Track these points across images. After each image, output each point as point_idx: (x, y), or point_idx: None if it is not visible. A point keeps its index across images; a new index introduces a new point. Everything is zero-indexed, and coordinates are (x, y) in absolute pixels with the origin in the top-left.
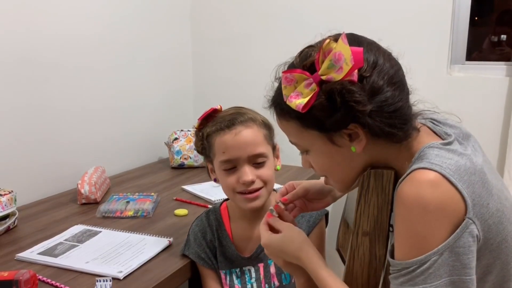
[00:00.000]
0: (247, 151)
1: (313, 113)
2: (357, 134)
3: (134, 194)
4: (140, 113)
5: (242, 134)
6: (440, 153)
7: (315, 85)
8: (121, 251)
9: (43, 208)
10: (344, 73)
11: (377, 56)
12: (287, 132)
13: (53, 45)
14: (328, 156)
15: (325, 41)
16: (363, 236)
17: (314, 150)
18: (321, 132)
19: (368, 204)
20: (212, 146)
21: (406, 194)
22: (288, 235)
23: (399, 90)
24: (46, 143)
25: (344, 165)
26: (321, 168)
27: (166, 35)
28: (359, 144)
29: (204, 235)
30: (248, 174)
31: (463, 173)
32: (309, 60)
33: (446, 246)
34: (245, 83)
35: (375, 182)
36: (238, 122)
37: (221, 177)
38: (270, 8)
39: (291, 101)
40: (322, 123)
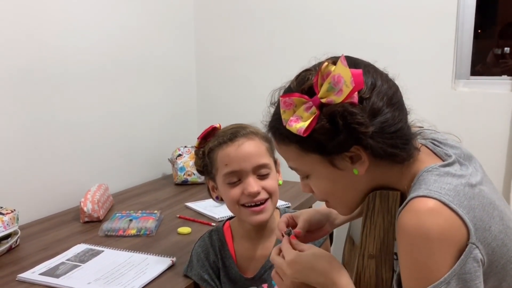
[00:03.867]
0: (251, 162)
1: (314, 137)
2: (359, 156)
3: (137, 212)
4: (144, 130)
5: (245, 146)
6: (438, 179)
7: (315, 108)
8: (123, 271)
9: (46, 226)
10: (344, 95)
11: (375, 77)
12: (287, 157)
13: (56, 63)
14: (330, 180)
15: (323, 64)
16: (369, 258)
17: (315, 174)
18: (322, 156)
19: (374, 226)
20: (215, 161)
21: (407, 224)
22: (318, 252)
23: (399, 111)
24: (49, 160)
25: (347, 188)
26: (323, 192)
27: (170, 52)
28: (361, 166)
29: (207, 256)
30: (253, 185)
31: (463, 198)
32: (307, 83)
33: (452, 274)
34: (249, 100)
35: (380, 203)
36: (240, 135)
37: (224, 191)
38: (274, 26)
39: (291, 125)
40: (324, 147)
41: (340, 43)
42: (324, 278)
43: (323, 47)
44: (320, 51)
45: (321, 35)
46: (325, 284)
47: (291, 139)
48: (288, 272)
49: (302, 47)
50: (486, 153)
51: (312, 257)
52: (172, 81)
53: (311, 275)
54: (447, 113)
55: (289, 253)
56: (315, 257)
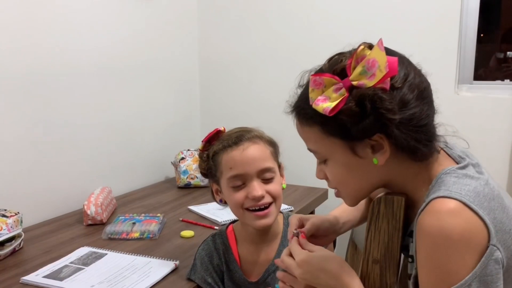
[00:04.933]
0: (255, 166)
1: (339, 119)
2: (381, 145)
3: (140, 215)
4: (147, 133)
5: (250, 150)
6: (458, 180)
7: (344, 90)
8: (126, 274)
9: (49, 229)
10: (376, 80)
11: (409, 70)
12: (307, 138)
13: (60, 66)
14: (347, 167)
15: (359, 47)
16: (374, 263)
17: (333, 160)
18: (343, 141)
19: (378, 231)
20: (219, 164)
21: (428, 225)
22: (328, 254)
23: (428, 106)
24: (53, 163)
25: (361, 178)
26: (336, 179)
27: (174, 56)
28: (382, 156)
29: (211, 259)
30: (257, 189)
31: (483, 199)
32: (339, 65)
33: (473, 276)
34: (252, 104)
35: (385, 208)
36: (245, 138)
37: (229, 194)
38: (278, 30)
39: (317, 104)
40: (347, 130)
41: (345, 46)
42: (335, 281)
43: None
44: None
45: (325, 39)
46: (336, 286)
47: (315, 120)
48: (298, 272)
49: (306, 51)
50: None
51: (322, 258)
52: (176, 84)
53: (321, 277)
54: (450, 118)
55: (300, 253)
56: (326, 258)
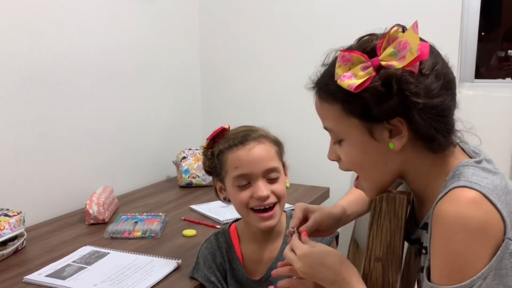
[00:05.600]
0: (261, 166)
1: (362, 97)
2: (399, 130)
3: (142, 214)
4: (148, 132)
5: (256, 150)
6: (476, 172)
7: (372, 69)
8: (129, 273)
9: (52, 228)
10: (406, 62)
11: (437, 59)
12: (326, 116)
13: (62, 65)
14: (362, 149)
15: (392, 29)
16: (376, 261)
17: (349, 140)
18: (362, 121)
19: (380, 229)
20: (224, 163)
21: (447, 212)
22: (329, 249)
23: (451, 98)
24: (55, 163)
25: (376, 162)
26: (351, 161)
27: (175, 55)
28: (399, 141)
29: (214, 258)
30: (262, 189)
31: (500, 192)
32: (370, 44)
33: (489, 269)
34: (253, 102)
35: (387, 206)
36: (251, 138)
37: (233, 194)
38: (279, 31)
39: (343, 80)
40: (369, 111)
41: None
42: (334, 275)
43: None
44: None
45: (325, 40)
46: (335, 281)
47: (337, 97)
48: (298, 265)
49: (306, 52)
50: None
51: (323, 253)
52: (177, 84)
53: (321, 271)
54: None
55: (301, 248)
56: (327, 253)
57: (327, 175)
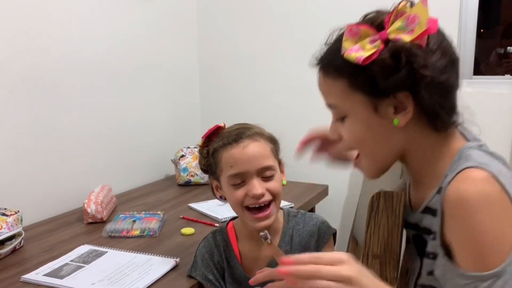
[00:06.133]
0: (255, 164)
1: (370, 70)
2: (404, 106)
3: (141, 213)
4: (147, 131)
5: (250, 148)
6: (482, 155)
7: (380, 42)
8: (127, 272)
9: (50, 227)
10: (415, 35)
11: (443, 37)
12: (330, 92)
13: (61, 66)
14: (366, 126)
15: (400, 3)
16: (374, 258)
17: (352, 116)
18: (368, 97)
19: (378, 226)
20: (219, 162)
21: (467, 191)
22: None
23: (455, 77)
24: (53, 162)
25: (379, 139)
26: (354, 138)
27: (173, 54)
28: (404, 117)
29: (212, 256)
30: (257, 187)
31: (504, 176)
32: (378, 18)
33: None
34: (251, 101)
35: (385, 203)
36: (245, 136)
37: (229, 192)
38: (277, 29)
39: (350, 53)
40: (375, 85)
41: None
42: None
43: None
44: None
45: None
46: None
47: (343, 72)
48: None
49: (304, 50)
50: None
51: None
52: (176, 83)
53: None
54: None
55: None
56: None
57: (326, 173)
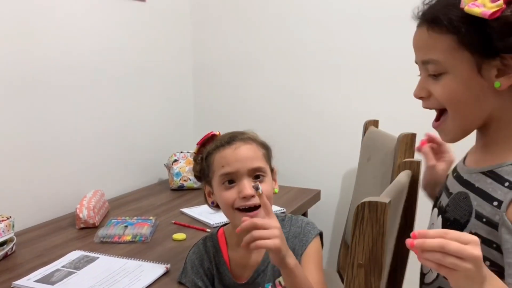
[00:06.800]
0: (246, 165)
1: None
2: (509, 69)
3: (133, 218)
4: (140, 135)
5: (242, 149)
6: None
7: (502, 1)
8: (118, 278)
9: (42, 233)
10: None
11: None
12: (433, 47)
13: (53, 68)
14: (465, 85)
15: None
16: (359, 267)
17: (452, 74)
18: (474, 55)
19: (363, 236)
20: (212, 164)
21: None
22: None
23: None
24: (45, 167)
25: (474, 101)
26: (449, 96)
27: (167, 58)
28: (507, 81)
29: (202, 263)
30: (247, 187)
31: None
32: None
33: None
34: (245, 106)
35: (369, 213)
36: (238, 139)
37: (220, 193)
38: (271, 32)
39: (472, 7)
40: (486, 43)
41: (336, 48)
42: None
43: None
44: (315, 56)
45: (316, 41)
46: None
47: (453, 28)
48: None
49: (298, 54)
50: None
51: None
52: (170, 88)
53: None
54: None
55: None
56: None
57: (318, 178)
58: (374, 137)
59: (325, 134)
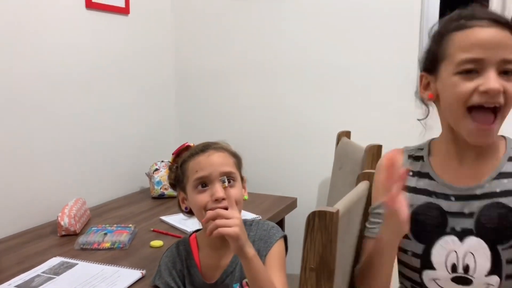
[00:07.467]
0: (218, 169)
1: None
2: None
3: (112, 226)
4: (122, 144)
5: (215, 155)
6: None
7: None
8: (95, 283)
9: (24, 240)
10: None
11: None
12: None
13: (34, 78)
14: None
15: None
16: (310, 271)
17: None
18: None
19: (314, 242)
20: (186, 170)
21: None
22: None
23: None
24: (29, 175)
25: None
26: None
27: (149, 68)
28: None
29: (174, 265)
30: (219, 191)
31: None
32: None
33: None
34: (226, 116)
35: (319, 222)
36: (211, 147)
37: (193, 198)
38: (250, 46)
39: None
40: None
41: (313, 62)
42: None
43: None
44: (293, 70)
45: (294, 55)
46: None
47: None
48: None
49: (276, 67)
50: None
51: None
52: (152, 98)
53: None
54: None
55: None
56: None
57: (295, 186)
58: (346, 148)
59: (302, 144)
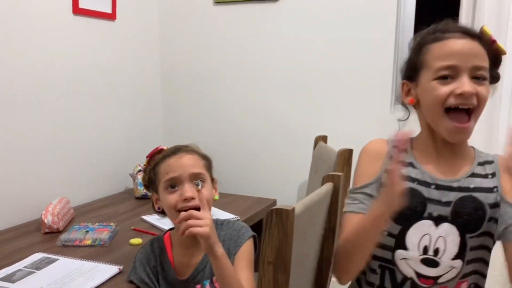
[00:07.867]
0: (188, 170)
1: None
2: None
3: (94, 224)
4: (108, 145)
5: (185, 157)
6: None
7: None
8: (74, 277)
9: (8, 237)
10: None
11: None
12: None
13: (20, 77)
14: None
15: None
16: (268, 264)
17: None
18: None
19: (271, 237)
20: (158, 172)
21: None
22: None
23: None
24: (14, 174)
25: None
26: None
27: (136, 70)
28: None
29: (148, 262)
30: (188, 190)
31: None
32: None
33: None
34: (212, 119)
35: (276, 218)
36: (182, 150)
37: (164, 198)
38: (234, 51)
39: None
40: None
41: (294, 68)
42: None
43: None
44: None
45: (277, 59)
46: None
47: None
48: None
49: (259, 70)
50: None
51: None
52: (138, 100)
53: None
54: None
55: None
56: None
57: (274, 187)
58: (321, 151)
59: (282, 148)
